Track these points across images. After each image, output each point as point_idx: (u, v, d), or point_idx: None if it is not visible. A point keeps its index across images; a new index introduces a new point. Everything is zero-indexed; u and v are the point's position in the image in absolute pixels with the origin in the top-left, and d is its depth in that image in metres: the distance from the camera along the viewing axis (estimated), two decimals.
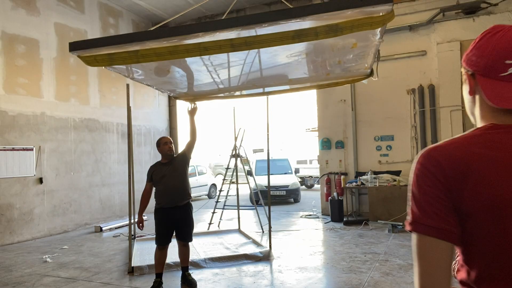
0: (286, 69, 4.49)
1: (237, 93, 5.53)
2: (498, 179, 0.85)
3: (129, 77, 4.37)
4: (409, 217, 0.93)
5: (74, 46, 3.27)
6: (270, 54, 3.82)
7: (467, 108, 1.06)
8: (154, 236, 4.58)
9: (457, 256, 0.93)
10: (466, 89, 1.01)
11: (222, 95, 5.59)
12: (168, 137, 4.74)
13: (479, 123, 0.98)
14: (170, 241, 4.54)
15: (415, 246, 0.91)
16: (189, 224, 4.55)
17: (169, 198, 4.41)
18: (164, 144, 4.53)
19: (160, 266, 4.54)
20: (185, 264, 4.69)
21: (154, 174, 4.48)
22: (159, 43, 3.09)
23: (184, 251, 4.64)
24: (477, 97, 0.98)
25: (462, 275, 0.96)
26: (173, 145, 4.62)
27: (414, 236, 0.91)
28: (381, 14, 2.75)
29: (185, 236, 4.55)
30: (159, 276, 4.52)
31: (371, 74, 4.85)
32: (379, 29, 3.14)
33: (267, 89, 5.50)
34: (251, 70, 4.37)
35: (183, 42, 3.09)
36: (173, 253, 6.07)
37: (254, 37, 3.00)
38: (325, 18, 2.81)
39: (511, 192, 0.83)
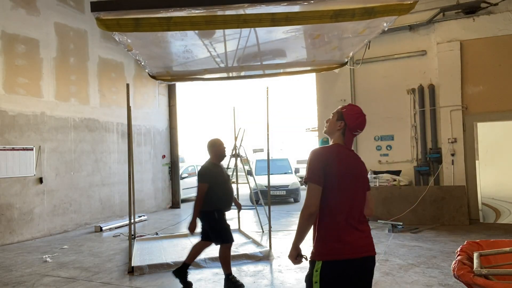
0: (283, 44, 4.37)
1: (224, 75, 5.39)
2: (338, 165, 2.14)
3: (125, 46, 4.01)
4: (306, 175, 2.14)
5: (97, 6, 2.94)
6: (266, 29, 3.74)
7: (329, 132, 2.34)
8: (219, 235, 4.41)
9: (457, 256, 1.24)
10: (338, 127, 2.28)
11: (206, 76, 5.40)
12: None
13: (332, 142, 2.31)
14: None
15: (308, 187, 2.12)
16: None
17: (229, 203, 4.43)
18: (220, 145, 4.45)
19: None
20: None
21: (216, 175, 4.32)
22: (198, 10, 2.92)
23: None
24: (339, 133, 2.28)
25: (323, 212, 2.14)
26: None
27: (309, 184, 2.12)
28: (409, 2, 2.91)
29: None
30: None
31: (345, 63, 4.89)
32: (395, 17, 3.27)
33: (249, 73, 5.31)
34: (247, 45, 4.23)
35: (219, 13, 2.96)
36: (173, 253, 6.09)
37: (295, 13, 2.96)
38: (365, 1, 2.89)
39: (341, 171, 2.13)
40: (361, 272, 2.12)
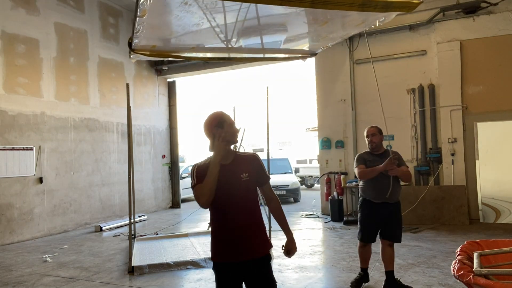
0: (284, 19, 4.31)
1: (206, 55, 5.25)
2: None
3: (140, 9, 3.88)
4: (267, 173, 2.48)
5: None
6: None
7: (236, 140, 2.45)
8: (358, 230, 4.37)
9: (457, 256, 1.14)
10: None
11: (188, 55, 5.23)
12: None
13: (227, 149, 2.40)
14: (374, 240, 4.35)
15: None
16: (397, 223, 4.42)
17: (383, 193, 4.28)
18: (367, 136, 4.37)
19: (364, 261, 4.43)
20: (390, 267, 4.27)
21: (368, 161, 4.24)
22: None
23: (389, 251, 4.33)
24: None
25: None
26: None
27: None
28: (418, 1, 3.00)
29: (392, 235, 4.34)
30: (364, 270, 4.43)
31: (316, 54, 4.93)
32: (394, 14, 3.38)
33: (233, 55, 5.21)
34: (247, 17, 4.16)
35: None
36: (172, 253, 6.09)
37: None
38: None
39: None
40: None
